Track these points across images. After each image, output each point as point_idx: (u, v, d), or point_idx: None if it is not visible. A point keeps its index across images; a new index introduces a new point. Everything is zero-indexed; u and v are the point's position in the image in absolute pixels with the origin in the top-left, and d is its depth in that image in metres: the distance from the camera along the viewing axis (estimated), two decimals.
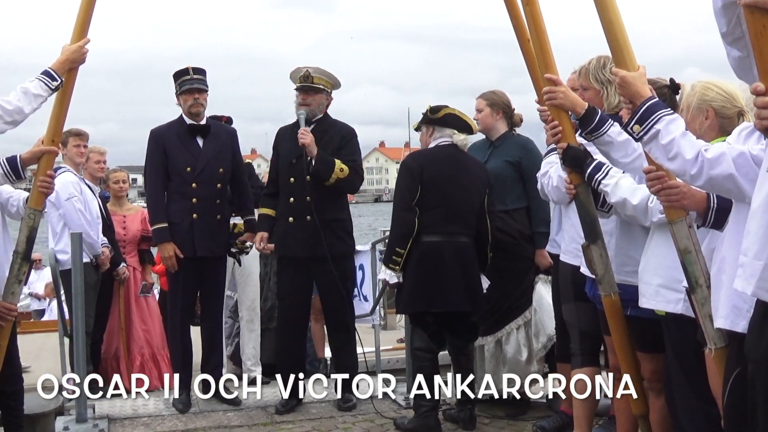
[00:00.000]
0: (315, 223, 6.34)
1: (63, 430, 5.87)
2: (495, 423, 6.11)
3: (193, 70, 6.58)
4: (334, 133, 6.54)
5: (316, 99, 6.54)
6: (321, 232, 6.32)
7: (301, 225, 6.42)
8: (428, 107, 6.01)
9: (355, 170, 6.48)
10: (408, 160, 6.09)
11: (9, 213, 5.20)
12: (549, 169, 5.05)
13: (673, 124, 3.42)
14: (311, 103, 6.51)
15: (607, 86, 4.70)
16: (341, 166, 6.37)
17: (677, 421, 4.06)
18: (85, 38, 4.95)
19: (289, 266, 6.57)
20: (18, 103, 4.60)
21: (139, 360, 8.08)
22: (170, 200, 6.57)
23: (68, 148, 7.59)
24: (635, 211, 4.13)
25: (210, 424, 6.16)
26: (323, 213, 6.38)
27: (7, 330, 4.83)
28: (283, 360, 6.74)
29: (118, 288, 7.96)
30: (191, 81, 6.53)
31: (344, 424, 6.16)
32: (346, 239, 6.60)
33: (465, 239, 5.83)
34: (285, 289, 6.69)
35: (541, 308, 6.08)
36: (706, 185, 3.37)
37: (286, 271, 6.64)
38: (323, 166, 6.34)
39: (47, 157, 4.95)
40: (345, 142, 6.53)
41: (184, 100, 6.58)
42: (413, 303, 5.86)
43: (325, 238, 6.35)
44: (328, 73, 6.60)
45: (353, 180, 6.51)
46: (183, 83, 6.56)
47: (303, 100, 6.51)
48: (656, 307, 4.03)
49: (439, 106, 6.00)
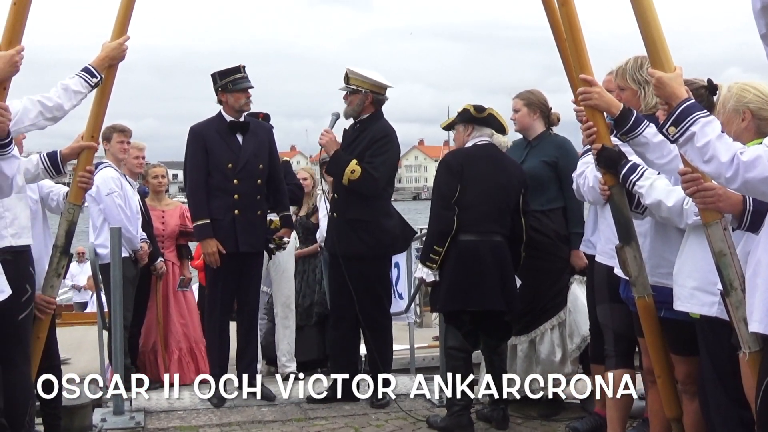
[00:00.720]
0: (336, 222, 6.54)
1: (100, 421, 5.95)
2: (528, 423, 6.09)
3: (242, 68, 6.64)
4: (367, 134, 6.57)
5: (353, 100, 6.58)
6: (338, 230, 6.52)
7: (332, 221, 6.64)
8: (469, 106, 6.00)
9: (368, 172, 6.40)
10: (448, 157, 6.09)
11: (49, 207, 5.29)
12: (585, 170, 5.02)
13: (708, 126, 3.39)
14: (349, 104, 6.59)
15: (645, 86, 4.65)
16: (353, 168, 6.36)
17: (711, 425, 4.01)
18: (125, 35, 5.01)
19: (332, 261, 6.74)
20: (58, 100, 4.67)
21: (176, 354, 8.17)
22: (212, 197, 6.60)
23: (111, 143, 7.70)
24: (670, 213, 4.11)
25: (244, 418, 6.20)
26: (345, 212, 6.50)
27: (46, 323, 4.91)
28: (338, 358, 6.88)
29: (156, 282, 8.06)
30: (244, 79, 6.60)
31: (377, 422, 6.17)
32: (366, 241, 6.51)
33: (500, 238, 5.83)
34: (331, 284, 6.93)
35: (575, 309, 6.05)
36: (741, 188, 3.34)
37: (332, 266, 6.79)
38: (335, 166, 6.50)
39: (87, 152, 5.03)
40: (372, 143, 6.53)
41: (236, 98, 6.60)
42: (450, 301, 5.86)
43: (344, 237, 6.46)
44: (363, 75, 6.57)
45: (365, 181, 6.42)
46: (236, 81, 6.59)
47: (345, 99, 6.64)
48: (690, 310, 3.99)
49: (483, 106, 6.00)
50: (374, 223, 6.55)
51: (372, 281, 6.61)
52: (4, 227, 4.49)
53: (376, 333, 6.65)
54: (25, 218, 4.66)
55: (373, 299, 6.64)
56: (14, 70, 4.02)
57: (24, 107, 4.56)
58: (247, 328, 6.87)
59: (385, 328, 6.76)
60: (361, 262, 6.52)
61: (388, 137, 6.60)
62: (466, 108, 6.00)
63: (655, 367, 4.47)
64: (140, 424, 6.01)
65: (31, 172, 4.99)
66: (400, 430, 5.96)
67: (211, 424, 6.06)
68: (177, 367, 8.14)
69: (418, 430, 5.94)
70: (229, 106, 6.62)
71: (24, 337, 4.58)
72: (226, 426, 6.04)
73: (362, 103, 6.58)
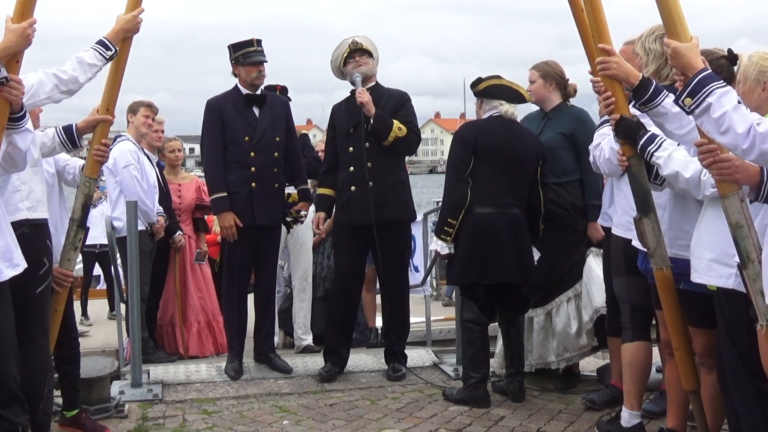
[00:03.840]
0: (377, 189, 6.39)
1: (119, 394, 5.98)
2: (544, 395, 6.09)
3: (256, 41, 6.61)
4: (388, 98, 6.57)
5: (369, 62, 6.58)
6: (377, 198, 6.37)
7: (363, 192, 6.43)
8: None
9: (412, 130, 6.49)
10: (462, 130, 6.05)
11: (66, 180, 5.30)
12: (601, 141, 4.97)
13: (725, 97, 3.35)
14: (366, 64, 6.56)
15: (649, 54, 4.61)
16: (399, 125, 6.38)
17: (728, 398, 4.00)
18: (139, 8, 4.98)
19: (348, 235, 6.59)
20: (73, 73, 4.65)
21: (195, 327, 8.23)
22: (229, 170, 6.57)
23: (137, 116, 7.73)
24: (688, 185, 4.07)
25: (261, 391, 6.23)
26: (384, 177, 6.44)
27: (63, 296, 4.92)
28: (331, 329, 6.82)
29: (173, 256, 8.09)
30: (256, 53, 6.54)
31: (393, 394, 6.19)
32: (409, 203, 6.65)
33: (517, 211, 5.80)
34: (342, 257, 6.74)
35: (590, 281, 6.02)
36: (758, 159, 3.31)
37: (344, 241, 6.67)
38: (382, 124, 6.36)
39: (102, 125, 5.02)
40: (400, 105, 6.55)
41: (248, 71, 6.57)
42: (465, 274, 5.84)
43: (388, 203, 6.41)
44: (370, 40, 6.69)
45: (411, 139, 6.50)
46: (248, 55, 6.56)
47: (357, 62, 6.54)
48: (708, 282, 3.96)
49: (479, 78, 5.97)
50: (408, 184, 6.72)
51: (401, 246, 6.66)
52: (20, 200, 4.50)
53: (398, 304, 6.67)
54: (41, 192, 4.66)
55: (402, 266, 6.69)
56: (26, 43, 4.01)
57: (39, 80, 4.54)
58: (264, 301, 6.88)
59: (405, 298, 6.78)
60: (398, 227, 6.56)
61: (409, 99, 6.67)
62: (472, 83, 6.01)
63: (673, 340, 4.45)
64: (158, 396, 6.05)
65: (48, 146, 5.00)
66: (416, 402, 5.97)
67: (228, 397, 6.09)
68: (195, 340, 8.20)
69: (434, 402, 5.95)
70: (242, 79, 6.60)
71: (41, 311, 4.60)
72: (243, 398, 6.06)
73: (375, 67, 6.64)
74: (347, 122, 6.56)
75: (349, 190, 6.49)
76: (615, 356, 5.63)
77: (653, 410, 5.44)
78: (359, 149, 6.45)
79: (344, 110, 6.63)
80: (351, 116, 6.52)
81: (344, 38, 6.67)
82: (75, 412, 5.23)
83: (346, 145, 6.54)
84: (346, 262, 6.68)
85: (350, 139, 6.52)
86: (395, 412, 5.75)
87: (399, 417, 5.64)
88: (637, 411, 5.06)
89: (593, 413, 5.61)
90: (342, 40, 6.68)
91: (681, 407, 4.75)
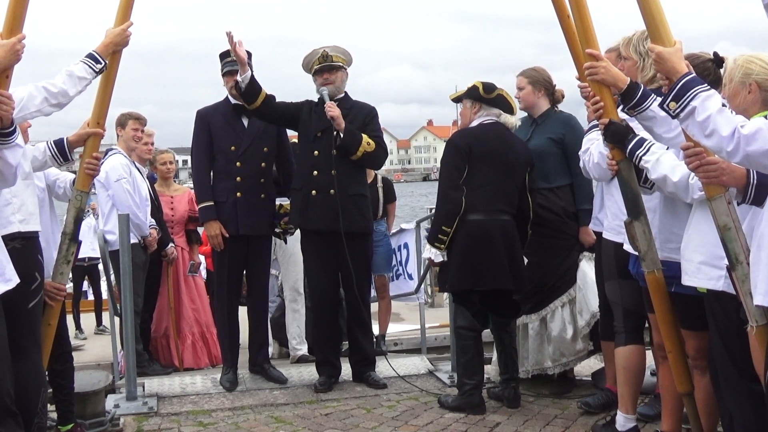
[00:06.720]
0: (338, 198, 6.32)
1: (114, 407, 5.96)
2: (539, 401, 6.10)
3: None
4: (357, 111, 6.56)
5: (338, 76, 6.55)
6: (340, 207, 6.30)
7: (324, 198, 6.37)
8: (479, 84, 5.96)
9: (380, 145, 6.50)
10: (455, 138, 6.06)
11: (56, 195, 5.30)
12: (590, 147, 4.99)
13: (709, 100, 3.38)
14: (335, 81, 6.52)
15: (645, 58, 4.63)
16: (368, 140, 6.38)
17: (721, 399, 4.02)
18: (128, 21, 4.99)
19: (313, 240, 6.53)
20: (63, 86, 4.66)
21: (189, 339, 8.22)
22: (216, 179, 6.62)
23: (126, 130, 7.72)
24: (676, 188, 4.09)
25: (256, 402, 6.23)
26: (347, 187, 6.39)
27: (56, 310, 4.92)
28: (318, 339, 6.82)
29: (167, 268, 8.09)
30: (232, 63, 6.48)
31: (388, 402, 6.19)
32: (366, 216, 6.58)
33: (508, 217, 5.83)
34: (311, 265, 6.68)
35: (585, 286, 6.04)
36: (743, 161, 3.33)
37: (310, 247, 6.60)
38: (351, 139, 6.34)
39: (93, 139, 5.03)
40: (370, 119, 6.55)
41: (226, 81, 6.63)
42: (460, 281, 5.85)
43: (346, 213, 6.34)
44: (343, 49, 6.63)
45: (378, 155, 6.50)
46: (225, 65, 6.61)
47: (326, 79, 6.50)
48: (698, 285, 3.98)
49: (493, 86, 5.96)
50: (368, 199, 6.69)
51: (367, 259, 6.66)
52: (11, 213, 4.49)
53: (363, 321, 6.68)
54: (33, 204, 4.66)
55: (367, 279, 6.73)
56: (16, 58, 4.01)
57: (29, 93, 4.55)
58: (257, 311, 6.89)
59: (367, 305, 6.76)
60: (363, 239, 6.55)
61: (377, 114, 6.66)
62: (476, 85, 5.97)
63: (666, 343, 4.46)
64: (153, 409, 6.03)
65: (39, 160, 5.00)
66: (412, 410, 5.96)
67: (223, 408, 6.08)
68: (190, 352, 8.20)
69: (430, 409, 5.95)
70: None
71: (34, 325, 4.59)
72: (239, 409, 6.05)
73: (345, 79, 6.62)
74: (316, 124, 6.47)
75: (310, 195, 6.41)
76: (609, 360, 5.64)
77: (648, 413, 5.45)
78: (326, 155, 6.39)
79: (314, 111, 6.53)
80: (321, 119, 6.43)
81: (315, 47, 6.59)
82: (70, 426, 5.22)
83: (311, 148, 6.45)
84: (317, 268, 6.62)
85: (317, 142, 6.44)
86: (391, 420, 5.74)
87: (395, 425, 5.64)
88: (632, 414, 5.07)
89: (588, 418, 5.62)
90: (312, 50, 6.60)
91: (675, 410, 4.75)
